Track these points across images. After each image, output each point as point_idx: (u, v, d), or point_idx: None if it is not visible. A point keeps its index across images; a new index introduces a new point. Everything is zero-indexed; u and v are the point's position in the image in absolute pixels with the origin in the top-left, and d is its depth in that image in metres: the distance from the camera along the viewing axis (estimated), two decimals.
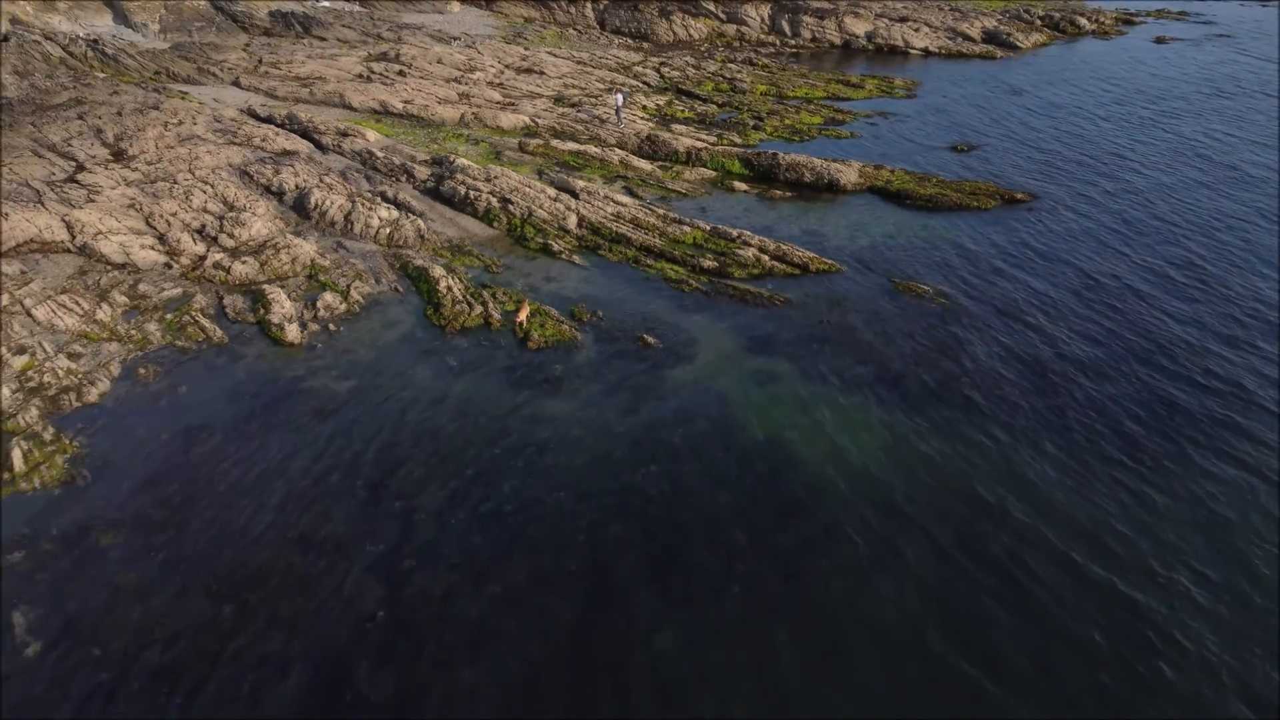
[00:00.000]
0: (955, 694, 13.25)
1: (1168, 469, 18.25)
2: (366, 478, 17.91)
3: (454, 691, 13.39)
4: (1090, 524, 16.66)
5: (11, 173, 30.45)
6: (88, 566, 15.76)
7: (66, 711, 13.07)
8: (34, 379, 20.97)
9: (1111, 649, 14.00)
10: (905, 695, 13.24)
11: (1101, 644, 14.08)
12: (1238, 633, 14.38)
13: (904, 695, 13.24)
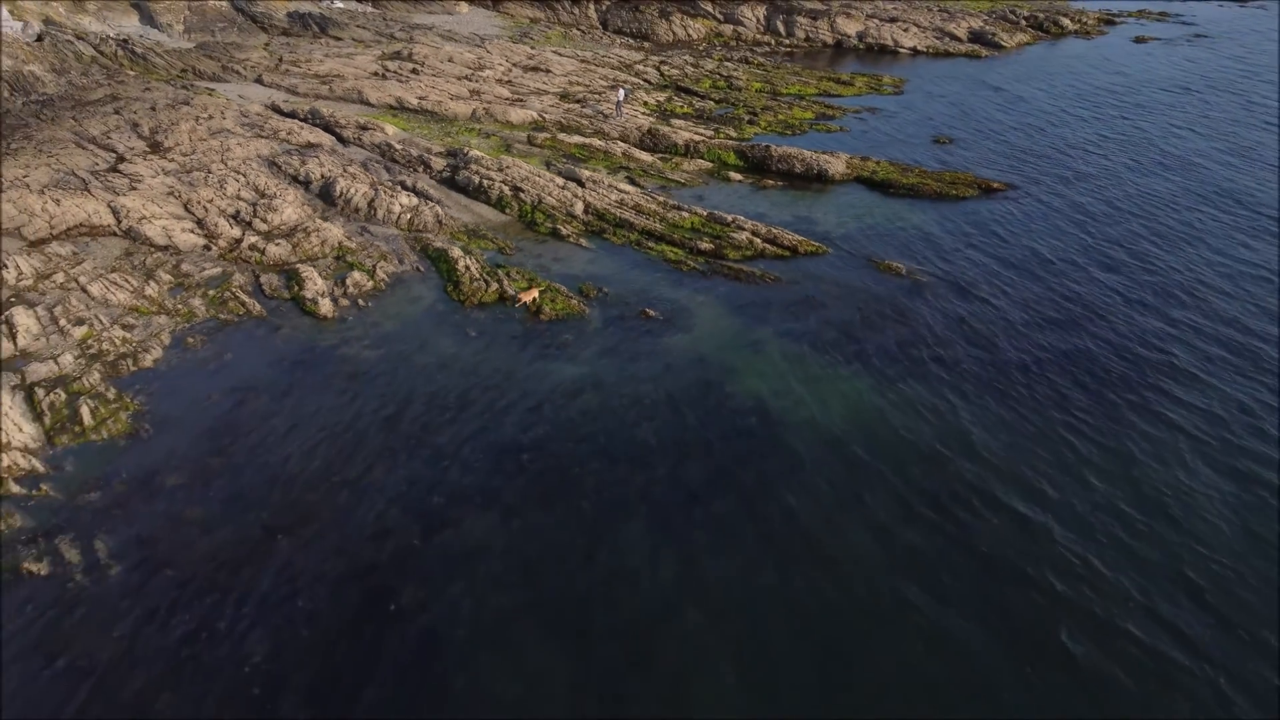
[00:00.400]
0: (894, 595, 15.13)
1: (1097, 423, 20.09)
2: (396, 428, 19.78)
3: (476, 602, 15.25)
4: (1015, 463, 18.52)
5: (58, 163, 32.27)
6: (156, 503, 17.63)
7: (145, 623, 14.93)
8: (93, 347, 22.83)
9: (1034, 572, 15.87)
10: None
11: (1028, 570, 15.95)
12: (1149, 562, 16.23)
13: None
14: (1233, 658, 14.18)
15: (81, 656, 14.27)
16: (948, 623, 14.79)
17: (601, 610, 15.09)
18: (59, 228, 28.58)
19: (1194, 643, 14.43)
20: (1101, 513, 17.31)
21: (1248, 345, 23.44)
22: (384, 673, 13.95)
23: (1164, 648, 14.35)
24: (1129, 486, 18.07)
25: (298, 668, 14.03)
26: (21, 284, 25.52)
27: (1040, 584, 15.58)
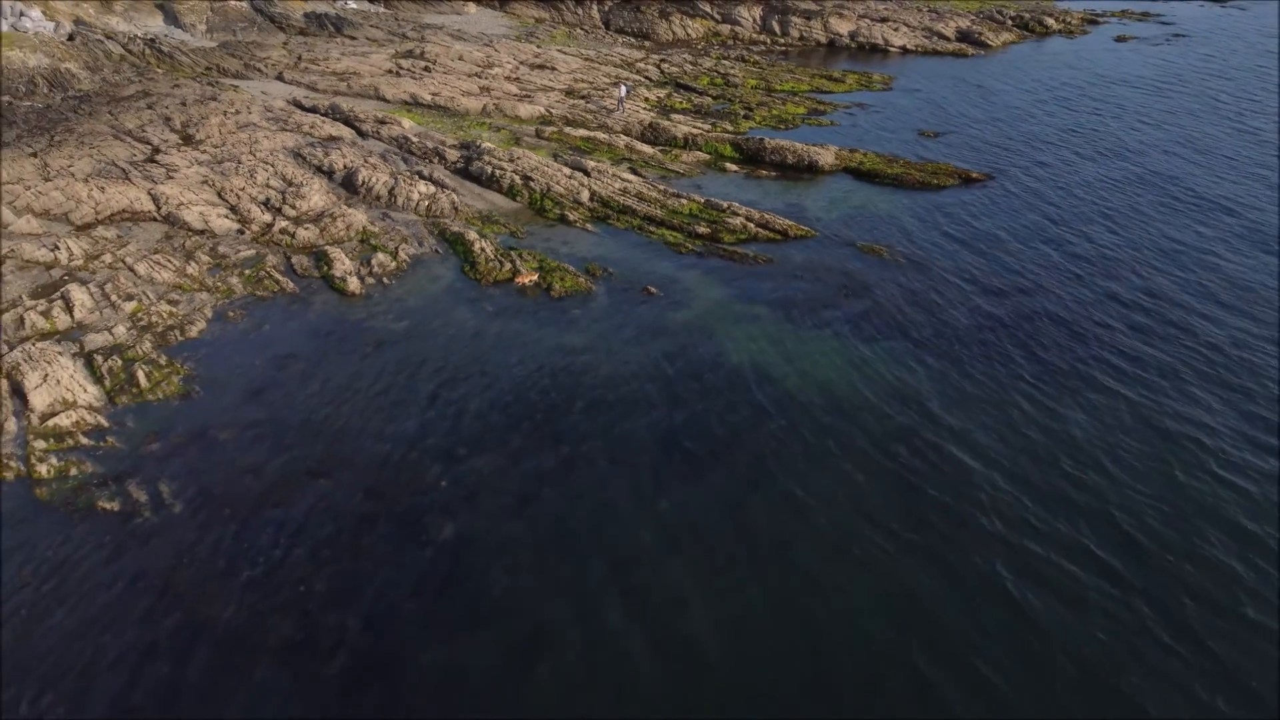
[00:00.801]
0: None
1: (1040, 385, 21.88)
2: (423, 388, 21.59)
3: (499, 532, 17.07)
4: (963, 417, 20.32)
5: (99, 153, 34.04)
6: (211, 453, 19.45)
7: (208, 549, 16.76)
8: (143, 319, 24.64)
9: (975, 511, 17.67)
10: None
11: (968, 508, 17.76)
12: (1078, 504, 18.03)
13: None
14: (1151, 586, 15.96)
15: (155, 576, 16.10)
16: (894, 546, 16.59)
17: (593, 531, 16.89)
18: (103, 213, 30.37)
19: (1116, 573, 16.22)
20: (1039, 462, 19.10)
21: (1183, 320, 25.19)
22: (417, 582, 15.77)
23: (1088, 578, 16.13)
24: (1065, 440, 19.84)
25: (341, 582, 15.85)
26: (73, 264, 27.33)
27: (978, 522, 17.37)
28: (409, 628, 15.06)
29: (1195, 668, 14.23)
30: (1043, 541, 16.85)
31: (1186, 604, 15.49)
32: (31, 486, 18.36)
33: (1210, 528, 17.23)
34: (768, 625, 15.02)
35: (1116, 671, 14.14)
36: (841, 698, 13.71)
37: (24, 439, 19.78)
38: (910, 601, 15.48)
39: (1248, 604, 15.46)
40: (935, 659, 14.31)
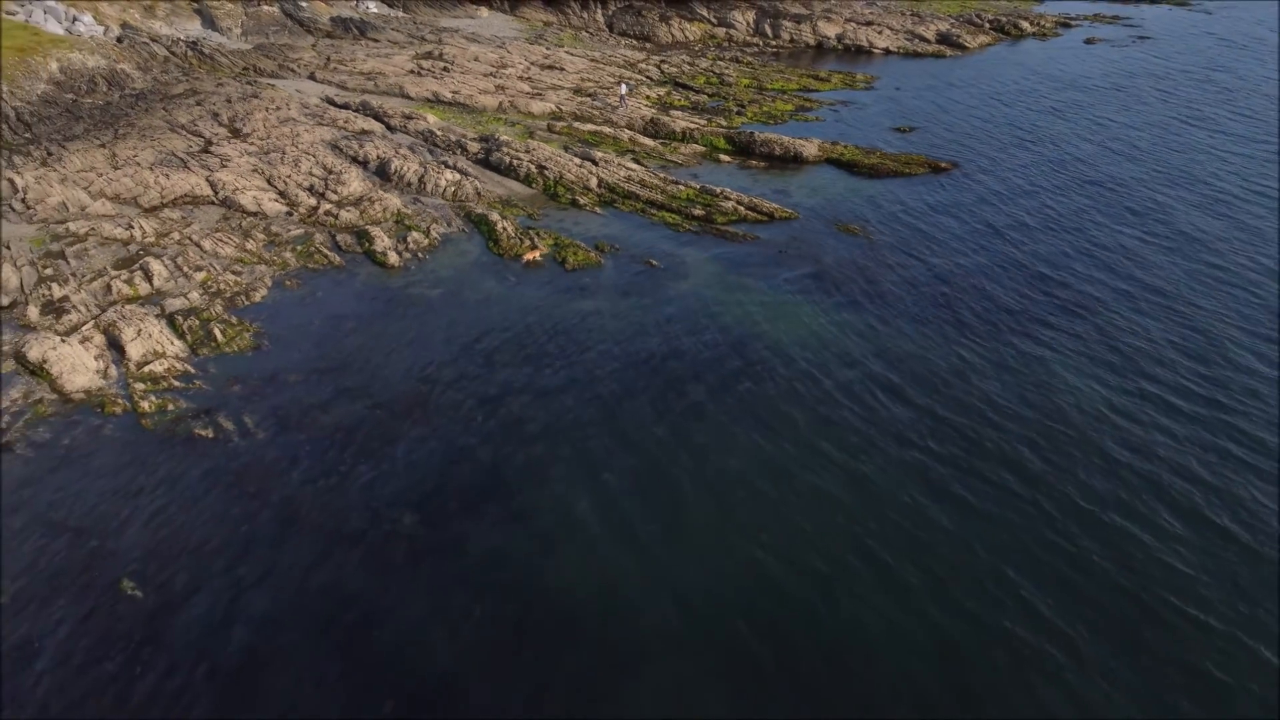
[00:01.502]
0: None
1: (983, 341, 24.94)
2: (459, 343, 24.66)
3: (529, 456, 20.16)
4: (915, 365, 23.39)
5: (160, 145, 37.05)
6: (283, 393, 22.53)
7: (289, 464, 19.84)
8: (213, 287, 27.70)
9: (920, 440, 20.76)
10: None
11: (913, 436, 20.85)
12: (1007, 429, 21.10)
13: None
14: (1059, 497, 19.04)
15: (248, 484, 19.21)
16: (853, 468, 19.69)
17: (612, 458, 19.98)
18: (168, 197, 33.40)
19: (1036, 478, 19.30)
20: (976, 399, 22.17)
21: (1117, 286, 28.23)
22: (462, 494, 18.87)
23: (1012, 485, 19.22)
24: (1000, 383, 22.91)
25: (397, 486, 18.95)
26: (146, 240, 30.38)
27: (922, 446, 20.46)
28: (454, 520, 18.18)
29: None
30: (936, 459, 19.95)
31: (1050, 512, 18.58)
32: (138, 419, 21.46)
33: (1053, 441, 20.32)
34: (746, 476, 18.15)
35: (980, 553, 17.26)
36: (755, 534, 16.84)
37: (125, 382, 22.88)
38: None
39: (1078, 497, 18.58)
40: (829, 528, 17.44)
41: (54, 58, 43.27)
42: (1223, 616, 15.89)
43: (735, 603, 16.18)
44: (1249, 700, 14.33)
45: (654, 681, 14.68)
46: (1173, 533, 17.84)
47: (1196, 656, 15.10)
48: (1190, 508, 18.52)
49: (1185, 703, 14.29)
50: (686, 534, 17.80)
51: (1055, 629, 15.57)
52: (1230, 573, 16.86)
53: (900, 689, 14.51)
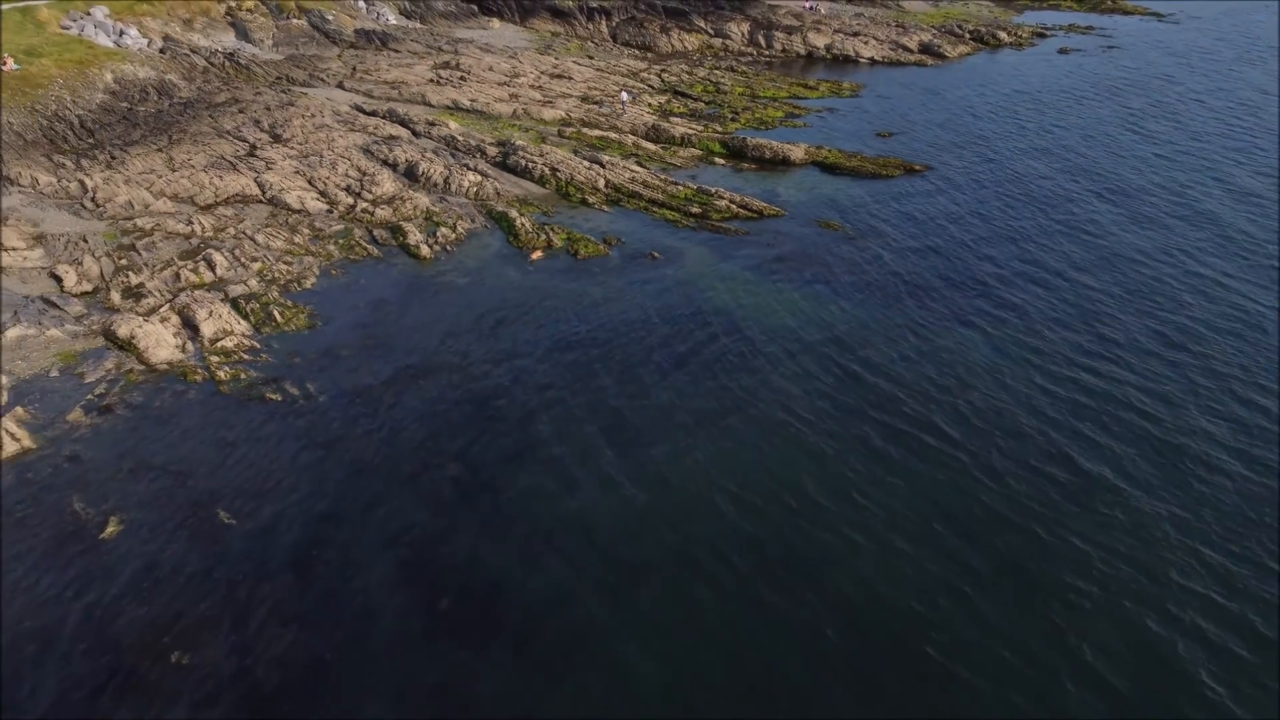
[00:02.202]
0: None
1: (928, 318, 28.03)
2: (485, 323, 27.75)
3: (551, 411, 23.27)
4: (872, 336, 26.49)
5: (210, 150, 40.13)
6: (338, 364, 25.64)
7: (349, 421, 22.95)
8: (268, 275, 30.78)
9: (874, 400, 23.87)
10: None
11: (868, 398, 23.96)
12: (940, 385, 24.20)
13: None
14: (978, 453, 22.15)
15: (315, 436, 22.33)
16: (801, 415, 22.82)
17: (620, 413, 23.11)
18: (221, 196, 36.49)
19: (953, 438, 22.42)
20: (913, 364, 25.27)
21: (1049, 278, 31.28)
22: (495, 440, 21.99)
23: (933, 440, 22.33)
24: (934, 353, 26.01)
25: (439, 436, 22.07)
26: (205, 235, 33.48)
27: (873, 405, 23.58)
28: (488, 464, 21.32)
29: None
30: (886, 413, 23.06)
31: (938, 448, 21.71)
32: (216, 386, 24.58)
33: (986, 407, 23.45)
34: (728, 423, 21.30)
35: (890, 481, 20.40)
36: (729, 476, 19.98)
37: (201, 356, 26.00)
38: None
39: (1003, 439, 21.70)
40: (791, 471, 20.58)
41: (108, 69, 46.28)
42: (1074, 533, 19.04)
43: (710, 520, 19.37)
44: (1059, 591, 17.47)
45: (662, 583, 17.83)
46: (1052, 477, 20.99)
47: (1056, 569, 18.26)
48: (1064, 456, 21.65)
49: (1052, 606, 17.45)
50: (675, 455, 20.97)
51: (946, 549, 18.74)
52: (1089, 500, 20.02)
53: (816, 575, 17.66)
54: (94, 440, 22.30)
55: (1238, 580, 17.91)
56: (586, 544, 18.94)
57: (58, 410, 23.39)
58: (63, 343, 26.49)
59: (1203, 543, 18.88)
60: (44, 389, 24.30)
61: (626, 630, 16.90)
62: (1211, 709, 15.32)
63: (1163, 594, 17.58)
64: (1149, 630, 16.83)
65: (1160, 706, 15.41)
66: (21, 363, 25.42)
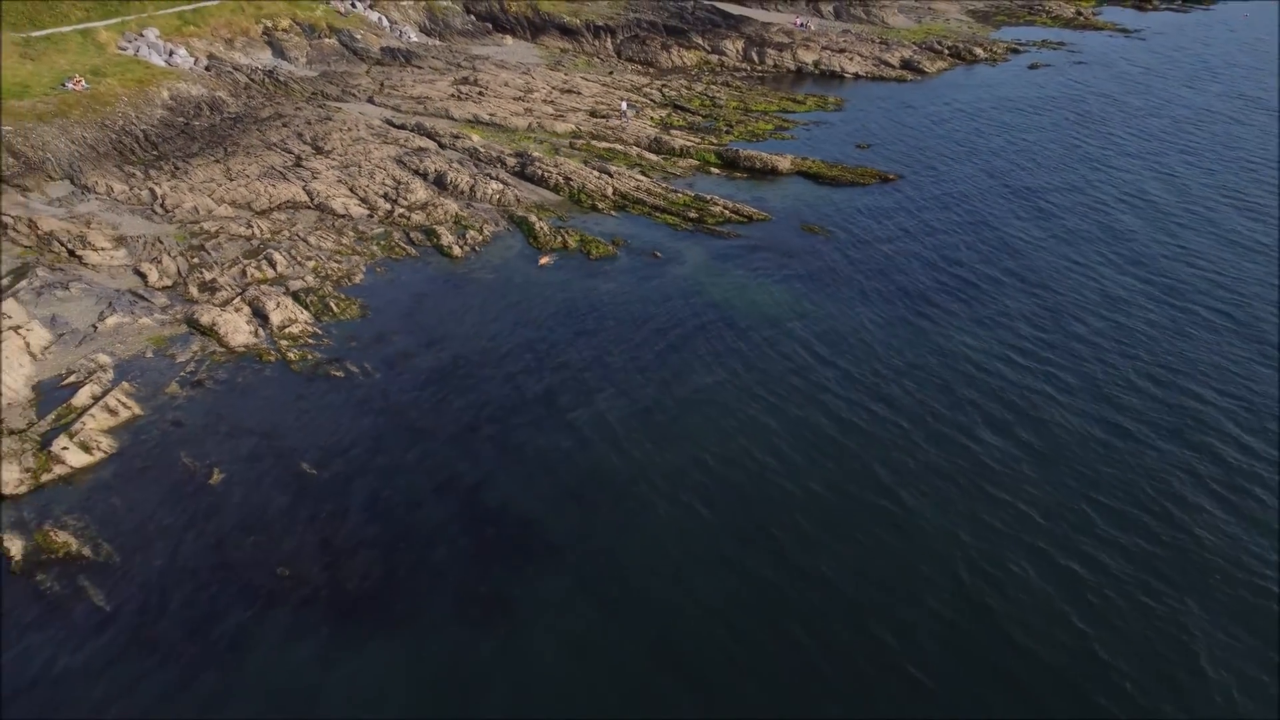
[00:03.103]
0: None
1: (889, 314, 31.77)
2: (511, 312, 31.50)
3: (568, 384, 27.03)
4: (837, 324, 30.22)
5: (261, 161, 43.87)
6: (388, 347, 29.39)
7: (400, 391, 26.72)
8: (322, 272, 34.53)
9: (846, 375, 27.62)
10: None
11: (841, 376, 27.71)
12: (917, 364, 27.95)
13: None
14: (910, 412, 25.90)
15: (375, 406, 26.10)
16: (777, 390, 26.58)
17: (625, 385, 26.87)
18: (274, 203, 40.23)
19: (894, 400, 26.16)
20: (870, 347, 29.02)
21: (1014, 270, 35.03)
22: (522, 407, 25.75)
23: (880, 410, 26.09)
24: (888, 339, 29.77)
25: (474, 405, 25.84)
26: (264, 237, 37.22)
27: (831, 380, 27.33)
28: (517, 427, 25.10)
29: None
30: (847, 389, 26.83)
31: (899, 422, 25.48)
32: (287, 365, 28.35)
33: (916, 383, 27.21)
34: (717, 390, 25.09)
35: (847, 444, 24.18)
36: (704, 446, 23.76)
37: (272, 340, 29.77)
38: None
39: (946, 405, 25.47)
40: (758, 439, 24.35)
41: (165, 87, 49.98)
42: (959, 474, 22.84)
43: (704, 467, 23.17)
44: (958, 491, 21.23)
45: (658, 517, 21.63)
46: (989, 442, 24.77)
47: (977, 506, 22.05)
48: (970, 428, 25.44)
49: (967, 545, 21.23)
50: (672, 421, 24.78)
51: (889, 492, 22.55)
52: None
53: (788, 519, 21.45)
54: (191, 408, 26.09)
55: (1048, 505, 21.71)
56: (596, 488, 22.72)
57: (157, 384, 27.17)
58: (153, 329, 30.27)
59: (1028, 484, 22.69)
60: (143, 367, 28.06)
61: (628, 550, 20.69)
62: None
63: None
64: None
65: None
66: (120, 346, 29.20)
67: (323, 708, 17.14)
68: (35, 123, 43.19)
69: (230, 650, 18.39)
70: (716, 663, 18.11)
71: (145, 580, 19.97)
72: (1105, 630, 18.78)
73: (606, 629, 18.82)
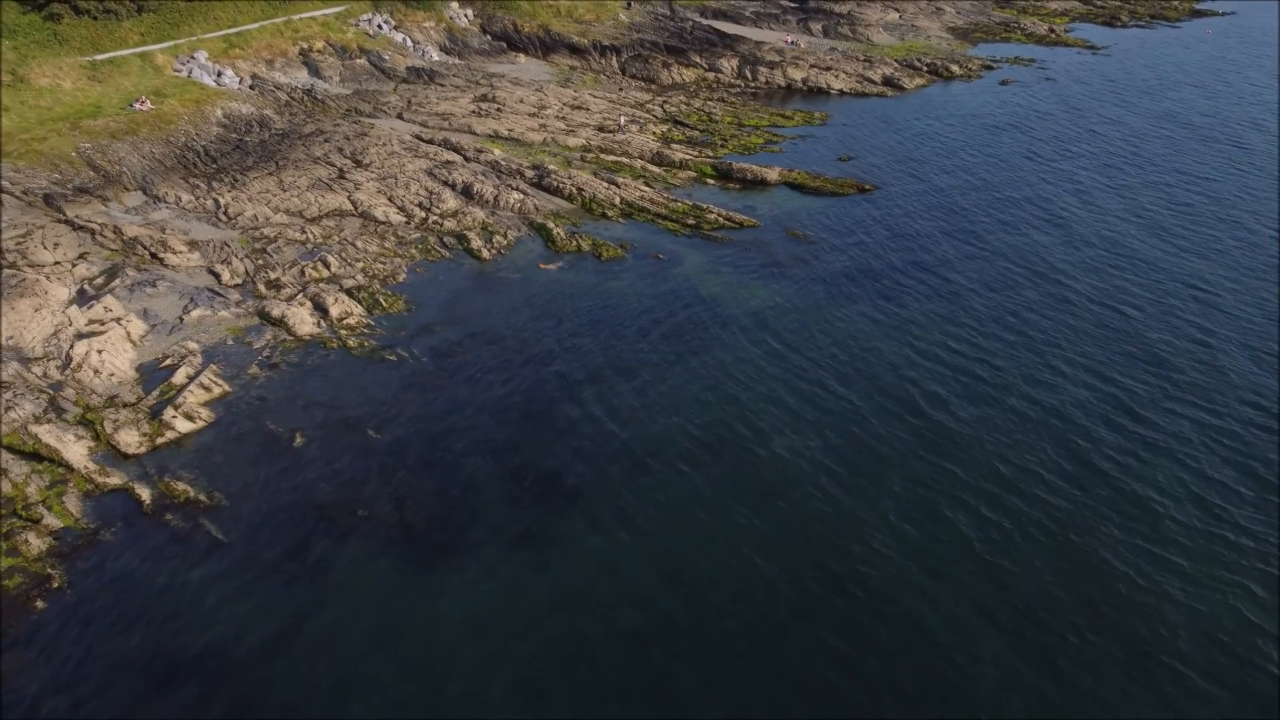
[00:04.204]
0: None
1: (863, 305, 35.88)
2: (534, 306, 35.65)
3: (584, 365, 31.17)
4: (805, 313, 34.35)
5: (309, 174, 48.01)
6: (431, 336, 33.56)
7: (446, 373, 30.88)
8: (370, 271, 38.67)
9: (826, 358, 31.75)
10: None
11: (825, 363, 31.85)
12: (889, 349, 32.07)
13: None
14: (865, 391, 30.02)
15: (426, 385, 30.27)
16: (760, 369, 30.72)
17: (632, 366, 31.02)
18: (323, 211, 44.38)
19: (851, 379, 30.28)
20: (837, 335, 33.16)
21: (951, 276, 39.13)
22: (544, 385, 29.92)
23: (838, 388, 30.23)
24: (854, 330, 33.90)
25: (508, 383, 30.00)
26: (316, 241, 41.36)
27: (805, 363, 31.48)
28: (541, 400, 29.27)
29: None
30: (810, 370, 30.97)
31: (856, 402, 29.63)
32: (348, 351, 32.51)
33: (856, 363, 31.34)
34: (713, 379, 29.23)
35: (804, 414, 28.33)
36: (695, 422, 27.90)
37: (333, 329, 33.92)
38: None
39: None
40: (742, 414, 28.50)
41: (219, 106, 54.11)
42: (899, 442, 27.00)
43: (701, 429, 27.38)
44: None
45: (663, 469, 25.84)
46: (901, 417, 28.93)
47: (912, 467, 26.22)
48: (913, 402, 29.59)
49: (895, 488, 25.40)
50: (676, 395, 28.98)
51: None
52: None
53: (766, 471, 25.64)
54: (270, 386, 30.28)
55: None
56: (603, 449, 26.89)
57: (240, 366, 31.34)
58: (230, 321, 34.44)
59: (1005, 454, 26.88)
60: (225, 353, 32.24)
61: (630, 496, 24.90)
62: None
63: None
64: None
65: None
66: (204, 335, 33.39)
67: (395, 610, 21.32)
68: (110, 140, 47.40)
69: (320, 569, 22.59)
70: (703, 577, 22.29)
71: (249, 519, 24.16)
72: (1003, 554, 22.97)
73: (617, 555, 23.01)
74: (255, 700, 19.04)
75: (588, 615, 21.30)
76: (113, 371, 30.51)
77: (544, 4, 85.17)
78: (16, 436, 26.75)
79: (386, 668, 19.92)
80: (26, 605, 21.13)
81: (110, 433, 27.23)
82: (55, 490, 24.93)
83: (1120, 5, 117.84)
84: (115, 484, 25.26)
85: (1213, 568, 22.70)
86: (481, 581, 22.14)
